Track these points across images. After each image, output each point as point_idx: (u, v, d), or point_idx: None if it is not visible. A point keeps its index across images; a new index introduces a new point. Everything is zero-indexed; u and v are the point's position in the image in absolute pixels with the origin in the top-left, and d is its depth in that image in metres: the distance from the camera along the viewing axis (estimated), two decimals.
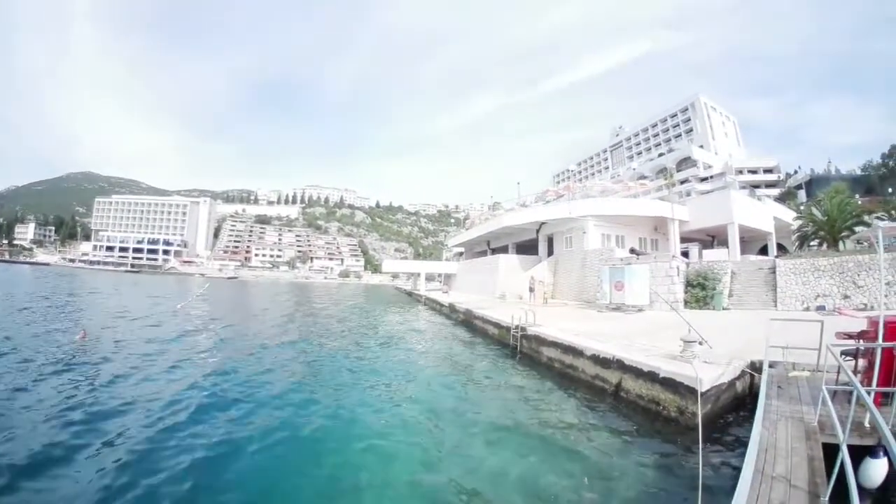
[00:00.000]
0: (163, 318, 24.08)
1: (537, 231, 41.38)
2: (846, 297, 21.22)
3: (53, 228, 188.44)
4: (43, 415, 8.26)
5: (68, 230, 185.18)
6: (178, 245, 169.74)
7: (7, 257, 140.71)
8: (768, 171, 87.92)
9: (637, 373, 10.06)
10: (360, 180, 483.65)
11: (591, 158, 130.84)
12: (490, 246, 52.84)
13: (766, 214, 40.16)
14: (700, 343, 10.04)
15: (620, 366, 10.70)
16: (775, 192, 75.81)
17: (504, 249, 47.27)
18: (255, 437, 7.89)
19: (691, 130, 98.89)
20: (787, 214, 42.26)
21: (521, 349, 16.44)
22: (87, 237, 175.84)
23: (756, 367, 9.36)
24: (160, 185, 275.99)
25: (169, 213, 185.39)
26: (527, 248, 44.23)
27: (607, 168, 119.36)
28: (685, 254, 32.26)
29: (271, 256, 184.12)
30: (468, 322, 25.67)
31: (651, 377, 9.60)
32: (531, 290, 31.29)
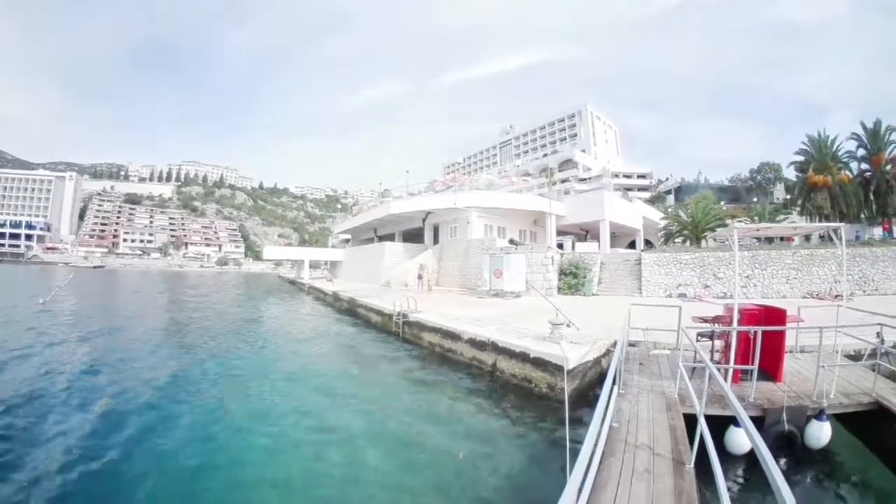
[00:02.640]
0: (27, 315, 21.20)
1: (424, 220, 41.79)
2: (707, 286, 23.99)
3: None
4: None
5: None
6: (41, 229, 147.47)
7: None
8: (642, 176, 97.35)
9: (510, 353, 10.48)
10: (243, 159, 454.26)
11: (482, 153, 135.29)
12: (377, 233, 52.41)
13: (636, 214, 44.29)
14: (567, 325, 10.62)
15: (495, 348, 11.09)
16: (647, 195, 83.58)
17: (391, 237, 47.12)
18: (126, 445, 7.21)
19: (576, 135, 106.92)
20: (656, 215, 47.04)
21: (403, 335, 16.48)
22: None
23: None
24: (24, 155, 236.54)
25: (33, 189, 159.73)
26: (413, 236, 44.55)
27: (496, 163, 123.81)
28: (560, 245, 34.21)
29: (142, 242, 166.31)
30: (352, 311, 25.26)
31: (523, 357, 10.03)
32: (420, 277, 31.52)
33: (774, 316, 7.54)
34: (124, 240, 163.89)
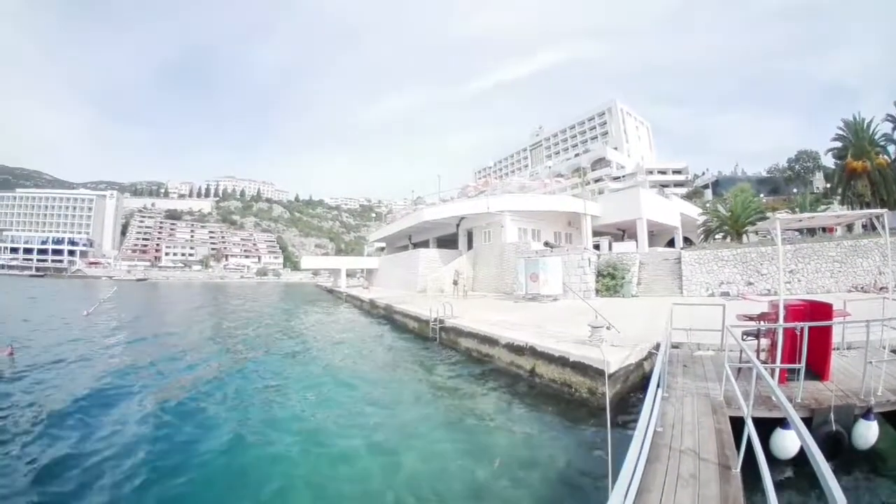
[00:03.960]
0: (73, 328, 22.07)
1: (457, 225, 41.84)
2: (750, 283, 23.21)
3: None
4: None
5: None
6: (84, 245, 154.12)
7: None
8: (677, 171, 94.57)
9: (549, 358, 10.35)
10: (279, 173, 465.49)
11: (512, 156, 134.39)
12: (411, 240, 52.76)
13: (674, 211, 43.11)
14: (607, 328, 10.46)
15: (533, 352, 10.98)
16: (683, 191, 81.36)
17: (425, 244, 47.43)
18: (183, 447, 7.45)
19: (607, 133, 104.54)
20: (694, 211, 45.57)
21: (440, 341, 16.53)
22: None
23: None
24: (66, 176, 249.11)
25: (74, 208, 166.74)
26: (447, 242, 44.73)
27: (526, 166, 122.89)
28: (597, 246, 33.80)
29: (183, 255, 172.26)
30: (389, 317, 25.48)
31: (562, 362, 9.91)
32: (455, 283, 31.56)
33: (820, 311, 7.25)
34: (166, 253, 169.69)
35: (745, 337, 7.68)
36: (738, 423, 4.95)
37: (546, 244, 31.15)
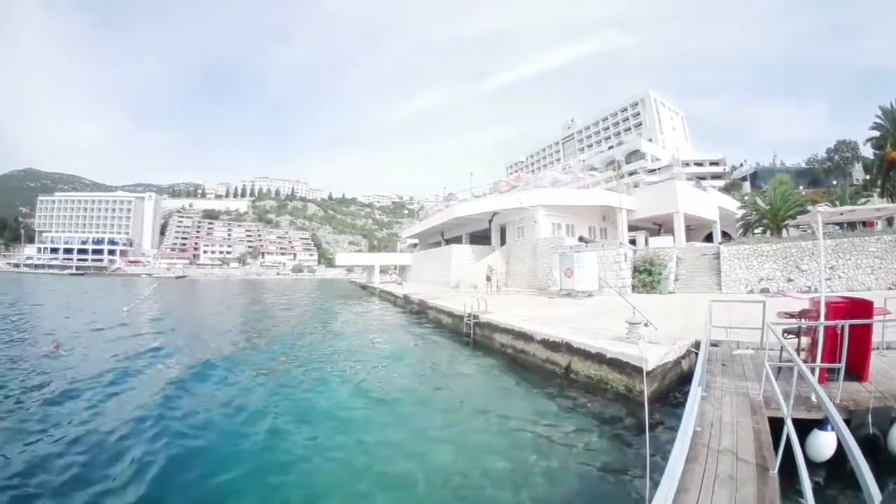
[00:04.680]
0: (111, 324, 22.90)
1: (490, 221, 41.81)
2: (790, 280, 22.48)
3: None
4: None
5: (12, 233, 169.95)
6: (124, 244, 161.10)
7: None
8: (714, 163, 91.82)
9: (585, 355, 10.26)
10: (311, 172, 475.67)
11: (544, 150, 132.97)
12: (444, 236, 52.94)
13: (711, 204, 41.98)
14: (645, 325, 10.28)
15: (569, 348, 10.88)
16: (721, 183, 79.16)
17: (458, 240, 47.47)
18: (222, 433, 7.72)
19: (641, 125, 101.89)
20: (732, 204, 44.35)
21: (474, 336, 16.49)
22: (31, 239, 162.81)
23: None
24: (104, 179, 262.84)
25: (114, 210, 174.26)
26: (480, 238, 44.68)
27: (559, 160, 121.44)
28: (633, 241, 33.21)
29: (221, 253, 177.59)
30: (422, 313, 25.63)
31: (599, 358, 9.80)
32: (488, 278, 31.52)
33: (861, 309, 6.98)
34: (204, 251, 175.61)
35: (785, 335, 7.48)
36: (776, 424, 4.87)
37: (580, 239, 30.72)
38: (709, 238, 42.26)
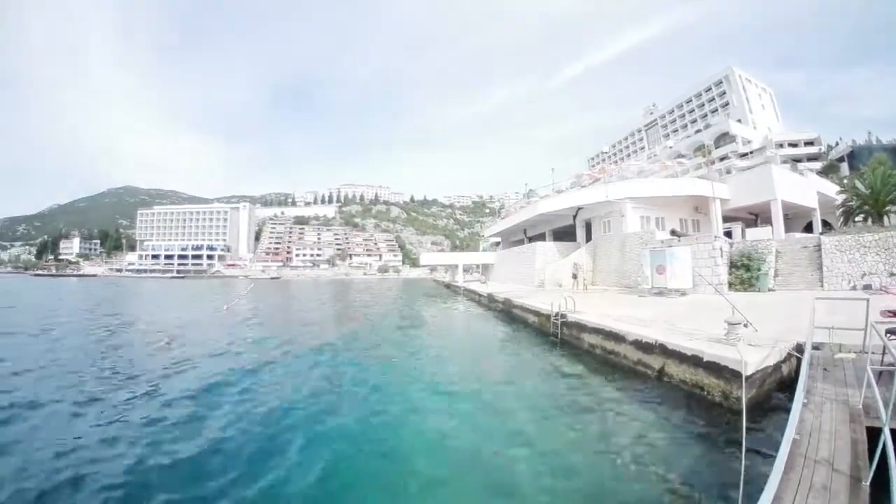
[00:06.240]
0: (214, 320, 25.16)
1: (574, 217, 40.98)
2: (893, 274, 20.32)
3: (98, 241, 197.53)
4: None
5: (113, 242, 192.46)
6: (222, 250, 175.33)
7: (54, 271, 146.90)
8: (809, 143, 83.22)
9: (680, 357, 9.91)
10: (393, 176, 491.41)
11: (626, 139, 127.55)
12: (527, 234, 52.53)
13: (810, 189, 38.23)
14: (745, 325, 9.82)
15: (663, 350, 10.56)
16: (817, 165, 72.04)
17: (541, 237, 46.97)
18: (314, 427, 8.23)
19: (727, 104, 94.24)
20: (831, 189, 40.33)
21: (561, 336, 16.40)
22: (132, 248, 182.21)
23: (802, 350, 8.99)
24: (200, 193, 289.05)
25: (210, 219, 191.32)
26: (564, 234, 43.90)
27: (643, 148, 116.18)
28: (728, 234, 31.35)
29: (311, 255, 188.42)
30: (507, 311, 25.70)
31: (695, 361, 9.44)
32: (574, 276, 31.03)
33: None
34: (296, 254, 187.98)
35: (888, 335, 6.93)
36: (875, 433, 4.63)
37: (672, 233, 29.31)
38: (808, 228, 38.59)
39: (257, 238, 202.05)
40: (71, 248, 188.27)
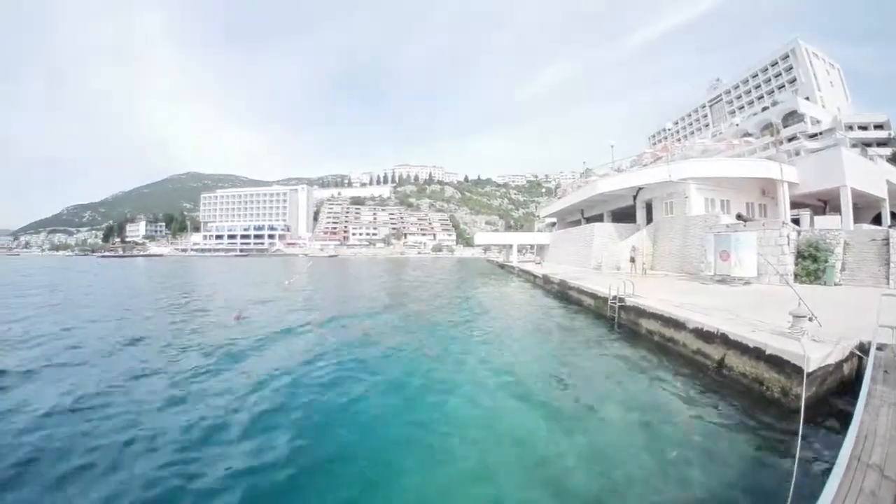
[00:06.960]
0: (278, 295, 26.94)
1: (634, 197, 39.93)
2: None
3: (164, 224, 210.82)
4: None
5: (178, 224, 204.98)
6: (282, 229, 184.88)
7: (121, 252, 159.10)
8: (879, 126, 76.23)
9: (742, 349, 9.79)
10: (447, 156, 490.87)
11: (689, 115, 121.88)
12: (584, 215, 51.68)
13: (879, 177, 35.63)
14: (810, 319, 9.58)
15: (724, 340, 10.42)
16: (887, 151, 66.27)
17: (599, 218, 46.01)
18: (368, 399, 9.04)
19: (794, 80, 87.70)
20: None
21: (618, 320, 16.43)
22: (196, 229, 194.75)
23: (865, 349, 8.75)
24: (259, 177, 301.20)
25: (270, 201, 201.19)
26: (623, 215, 42.88)
27: (707, 125, 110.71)
28: (795, 221, 29.79)
29: (367, 234, 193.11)
30: (563, 293, 25.73)
31: (756, 354, 9.31)
32: (632, 260, 30.56)
33: None
34: (353, 234, 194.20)
35: None
36: None
37: (738, 217, 27.94)
38: (877, 220, 35.65)
39: (315, 218, 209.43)
40: (137, 230, 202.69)
